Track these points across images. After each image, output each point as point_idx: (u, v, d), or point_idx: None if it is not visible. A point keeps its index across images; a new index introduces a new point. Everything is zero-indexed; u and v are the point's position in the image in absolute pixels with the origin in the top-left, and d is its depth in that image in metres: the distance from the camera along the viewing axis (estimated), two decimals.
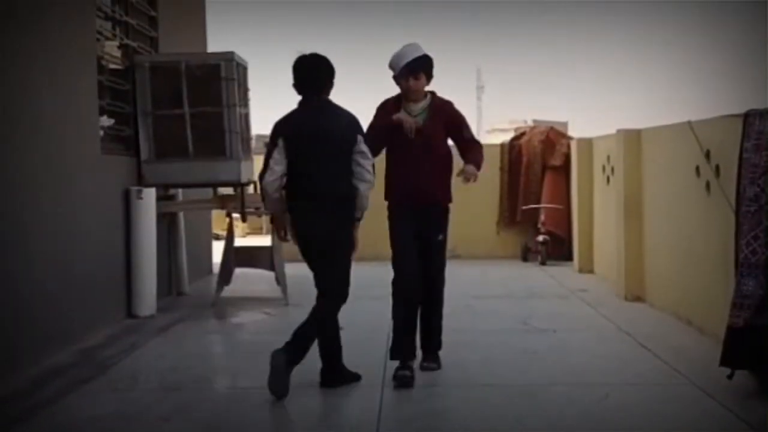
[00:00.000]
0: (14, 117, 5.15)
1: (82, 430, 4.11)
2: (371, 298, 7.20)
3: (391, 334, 5.20)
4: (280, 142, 4.65)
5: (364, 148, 4.70)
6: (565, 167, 10.24)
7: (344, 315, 6.81)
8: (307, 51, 4.74)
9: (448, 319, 6.67)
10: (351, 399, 4.59)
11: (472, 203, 10.78)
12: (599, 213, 9.04)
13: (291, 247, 7.91)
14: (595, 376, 4.96)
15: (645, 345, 5.68)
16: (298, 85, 4.70)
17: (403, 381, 4.72)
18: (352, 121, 4.74)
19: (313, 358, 5.45)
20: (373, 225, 5.77)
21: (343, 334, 6.25)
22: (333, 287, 4.87)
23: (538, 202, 10.41)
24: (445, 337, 6.10)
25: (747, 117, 4.82)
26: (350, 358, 5.49)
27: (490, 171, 10.83)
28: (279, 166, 4.66)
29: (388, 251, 5.22)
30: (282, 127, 4.72)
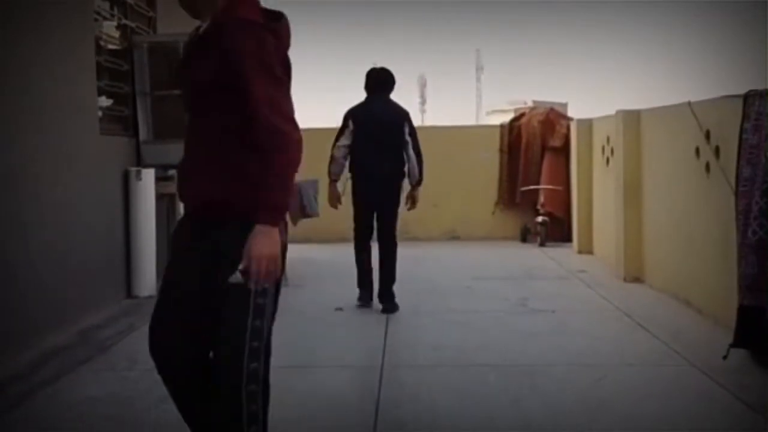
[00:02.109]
0: (11, 98, 5.11)
1: (82, 411, 4.11)
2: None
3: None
4: (350, 124, 6.32)
5: (408, 138, 6.34)
6: (565, 148, 10.21)
7: (343, 297, 6.84)
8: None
9: (446, 299, 6.70)
10: (351, 377, 4.59)
11: (471, 184, 10.79)
12: (598, 194, 9.02)
13: (290, 228, 7.91)
14: (594, 356, 4.96)
15: (643, 326, 5.68)
16: (372, 87, 6.40)
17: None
18: (405, 114, 6.40)
19: (307, 346, 5.46)
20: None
21: (341, 314, 6.27)
22: (389, 231, 6.42)
23: (538, 184, 10.39)
24: (444, 317, 6.11)
25: (747, 97, 4.79)
26: (349, 341, 5.50)
27: (490, 152, 10.83)
28: (347, 140, 6.36)
29: None
30: (354, 112, 6.38)
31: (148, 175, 6.98)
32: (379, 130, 6.25)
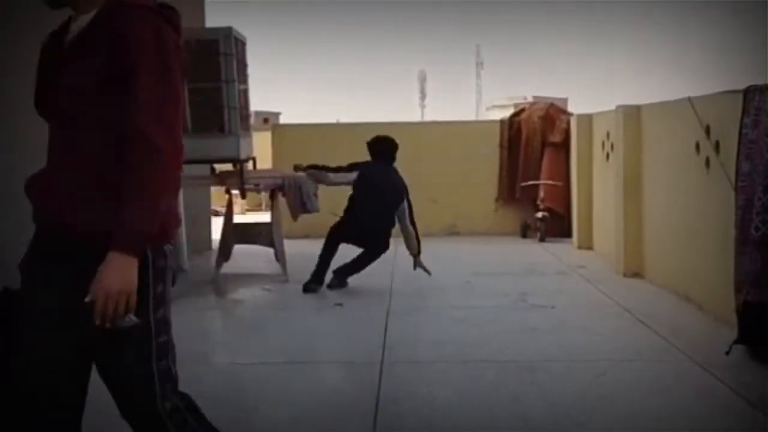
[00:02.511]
0: (11, 98, 5.10)
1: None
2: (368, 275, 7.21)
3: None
4: (356, 175, 7.05)
5: (405, 207, 7.10)
6: (565, 144, 10.20)
7: (342, 293, 6.85)
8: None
9: (446, 295, 6.70)
10: (351, 371, 4.60)
11: (471, 180, 10.78)
12: (598, 189, 9.01)
13: (290, 224, 7.95)
14: (594, 352, 4.96)
15: (643, 321, 5.68)
16: (379, 155, 7.27)
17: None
18: (404, 186, 7.16)
19: (306, 342, 5.48)
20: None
21: (340, 310, 6.27)
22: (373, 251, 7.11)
23: (538, 179, 10.38)
24: (443, 313, 6.11)
25: (747, 93, 4.79)
26: (349, 336, 5.50)
27: (490, 148, 10.82)
28: (345, 180, 7.12)
29: None
30: (364, 168, 7.11)
31: None
32: (380, 195, 6.94)
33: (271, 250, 7.61)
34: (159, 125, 2.10)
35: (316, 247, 8.28)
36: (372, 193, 6.95)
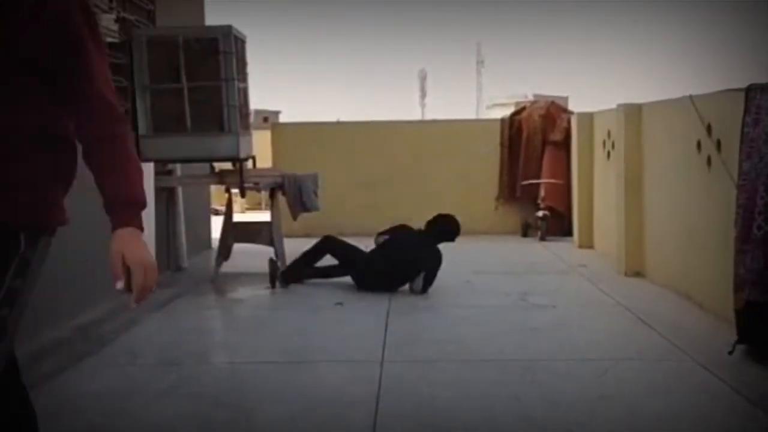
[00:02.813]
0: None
1: (81, 405, 4.11)
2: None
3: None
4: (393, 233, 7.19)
5: (420, 278, 6.81)
6: (566, 142, 10.19)
7: (342, 292, 6.84)
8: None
9: (447, 294, 6.69)
10: (351, 372, 4.59)
11: (471, 179, 10.78)
12: (599, 188, 9.01)
13: (290, 223, 7.94)
14: (595, 351, 4.96)
15: (645, 320, 5.68)
16: (435, 229, 7.12)
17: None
18: (428, 262, 6.84)
19: (306, 341, 5.46)
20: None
21: (340, 309, 6.27)
22: None
23: (538, 178, 10.38)
24: (444, 312, 6.12)
25: (749, 91, 4.78)
26: (349, 335, 5.49)
27: (490, 146, 10.82)
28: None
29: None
30: (395, 233, 7.17)
31: (147, 169, 6.96)
32: (387, 263, 6.86)
33: (270, 250, 7.60)
34: (114, 98, 2.08)
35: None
36: (383, 258, 6.92)
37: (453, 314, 6.03)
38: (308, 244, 7.62)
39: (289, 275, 7.16)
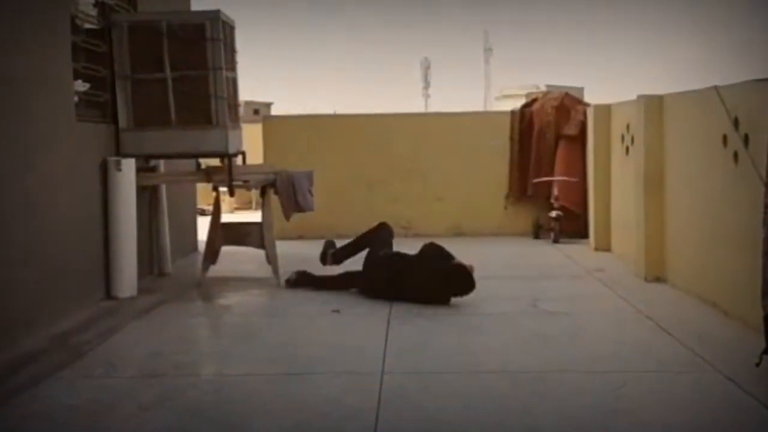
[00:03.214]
0: None
1: (57, 419, 4.11)
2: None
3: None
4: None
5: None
6: (581, 137, 10.20)
7: (339, 298, 6.85)
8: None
9: (452, 300, 6.69)
10: (349, 384, 4.59)
11: (479, 176, 10.79)
12: (617, 186, 9.02)
13: (282, 224, 7.96)
14: (611, 362, 4.96)
15: (666, 329, 5.68)
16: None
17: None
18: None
19: (301, 351, 5.47)
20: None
21: (337, 317, 6.28)
22: None
23: (551, 175, 10.38)
24: (449, 319, 6.12)
25: None
26: (346, 345, 5.50)
27: (499, 141, 10.82)
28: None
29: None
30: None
31: (129, 165, 6.99)
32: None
33: (261, 252, 7.61)
34: None
35: (310, 248, 8.27)
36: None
37: (459, 322, 6.04)
38: (302, 247, 7.63)
39: (338, 256, 7.50)
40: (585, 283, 7.58)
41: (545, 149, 10.65)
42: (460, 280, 6.56)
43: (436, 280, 6.61)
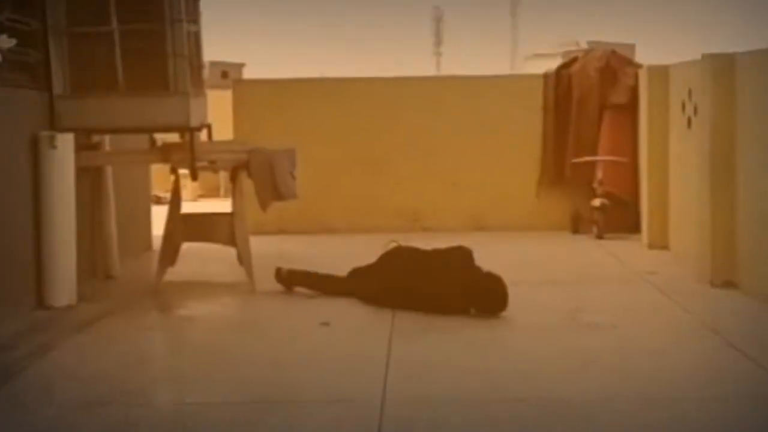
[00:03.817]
0: None
1: None
2: None
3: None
4: None
5: None
6: (631, 106, 10.20)
7: (329, 308, 6.87)
8: None
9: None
10: (341, 415, 4.62)
11: (504, 156, 10.78)
12: (677, 168, 9.01)
13: (258, 215, 7.95)
14: (669, 388, 4.98)
15: (736, 346, 5.70)
16: None
17: None
18: None
19: (283, 375, 5.51)
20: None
21: (327, 332, 6.29)
22: None
23: (594, 154, 10.39)
24: (466, 334, 6.15)
25: None
26: (339, 366, 5.52)
27: (529, 112, 10.82)
28: None
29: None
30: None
31: (66, 141, 6.98)
32: None
33: (232, 251, 7.62)
34: None
35: (293, 245, 8.29)
36: None
37: (478, 337, 6.05)
38: (283, 243, 7.63)
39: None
40: (636, 288, 7.59)
41: (587, 122, 10.65)
42: (492, 294, 6.60)
43: (461, 289, 6.64)
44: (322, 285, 7.25)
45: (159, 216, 8.91)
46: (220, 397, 4.93)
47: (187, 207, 8.28)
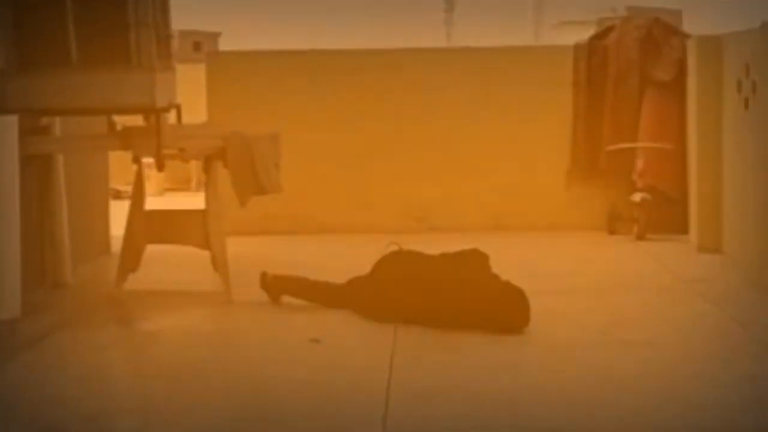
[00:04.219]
0: None
1: None
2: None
3: None
4: None
5: None
6: (678, 83, 10.22)
7: (320, 322, 6.90)
8: None
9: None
10: None
11: (526, 142, 10.78)
12: (732, 157, 9.02)
13: (237, 212, 7.96)
14: (719, 418, 5.00)
15: None
16: None
17: None
18: None
19: (268, 399, 5.56)
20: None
21: (318, 349, 6.32)
22: None
23: (635, 140, 10.40)
24: (479, 352, 6.18)
25: None
26: (333, 390, 5.56)
27: (557, 90, 10.82)
28: None
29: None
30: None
31: (9, 125, 7.01)
32: None
33: (205, 254, 7.64)
34: None
35: (277, 248, 8.31)
36: None
37: (493, 356, 6.07)
38: (265, 246, 7.64)
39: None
40: (682, 299, 7.61)
41: (626, 102, 10.66)
42: (511, 307, 6.65)
43: (474, 302, 6.69)
44: (315, 294, 7.28)
45: (119, 213, 8.91)
46: (190, 425, 4.97)
47: (152, 203, 8.31)
